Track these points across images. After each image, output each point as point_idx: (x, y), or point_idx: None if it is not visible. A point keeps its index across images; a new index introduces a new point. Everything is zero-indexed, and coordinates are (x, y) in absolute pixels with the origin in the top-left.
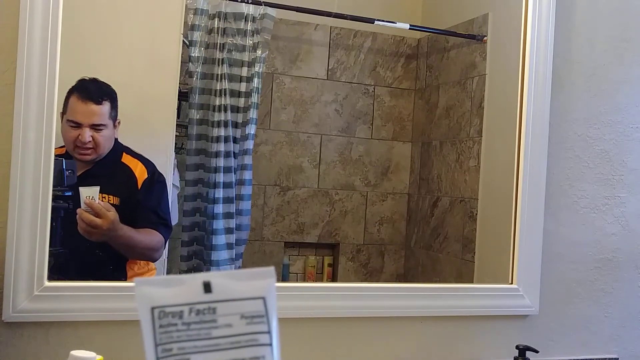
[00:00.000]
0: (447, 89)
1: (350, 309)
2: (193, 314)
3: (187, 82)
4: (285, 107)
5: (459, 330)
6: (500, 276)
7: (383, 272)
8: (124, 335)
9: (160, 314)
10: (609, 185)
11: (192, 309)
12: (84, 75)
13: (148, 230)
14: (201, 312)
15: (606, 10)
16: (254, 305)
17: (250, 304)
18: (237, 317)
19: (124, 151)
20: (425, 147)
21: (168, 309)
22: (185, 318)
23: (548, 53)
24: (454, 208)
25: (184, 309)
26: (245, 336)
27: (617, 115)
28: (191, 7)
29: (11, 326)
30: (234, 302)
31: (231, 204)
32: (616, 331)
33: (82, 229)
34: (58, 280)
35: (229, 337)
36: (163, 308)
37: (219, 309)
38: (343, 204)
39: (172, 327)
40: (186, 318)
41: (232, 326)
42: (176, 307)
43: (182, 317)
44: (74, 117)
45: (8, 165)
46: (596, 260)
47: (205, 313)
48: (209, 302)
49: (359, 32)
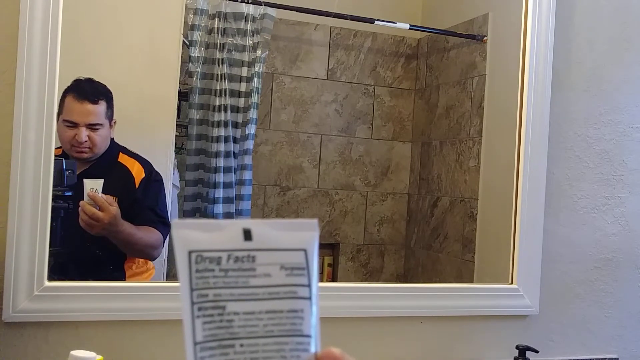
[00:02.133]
0: (447, 89)
1: (350, 309)
2: (231, 260)
3: (187, 82)
4: (285, 107)
5: (459, 330)
6: (500, 276)
7: (383, 272)
8: (124, 335)
9: (198, 258)
10: (609, 185)
11: (231, 255)
12: (84, 75)
13: (147, 228)
14: (240, 259)
15: (606, 10)
16: (294, 257)
17: (291, 255)
18: (277, 267)
19: (120, 151)
20: (425, 147)
21: (206, 254)
22: (223, 264)
23: (548, 53)
24: (454, 208)
25: (222, 255)
26: (284, 287)
27: (617, 115)
28: (191, 7)
29: (11, 326)
30: (274, 251)
31: (231, 204)
32: (616, 331)
33: (83, 221)
34: (58, 280)
35: (267, 287)
36: (201, 253)
37: (258, 257)
38: (343, 204)
39: (209, 273)
40: (224, 264)
41: (270, 276)
42: (214, 253)
43: (219, 264)
44: (70, 117)
45: (8, 165)
46: (596, 260)
47: (244, 261)
48: (248, 249)
49: (359, 32)
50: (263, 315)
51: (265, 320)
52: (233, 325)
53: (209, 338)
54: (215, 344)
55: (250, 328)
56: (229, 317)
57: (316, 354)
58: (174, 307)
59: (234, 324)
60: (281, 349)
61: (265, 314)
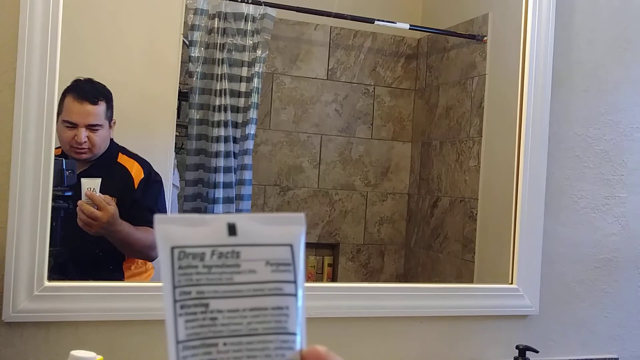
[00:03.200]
0: (447, 89)
1: (350, 309)
2: (215, 256)
3: (187, 82)
4: (285, 107)
5: (459, 330)
6: (500, 276)
7: (383, 272)
8: (124, 335)
9: (181, 254)
10: (609, 185)
11: (215, 251)
12: (84, 75)
13: (146, 229)
14: (224, 255)
15: (606, 10)
16: (280, 252)
17: (276, 250)
18: (262, 263)
19: (119, 151)
20: (425, 147)
21: (189, 249)
22: (207, 261)
23: (548, 53)
24: (454, 208)
25: (206, 251)
26: (269, 284)
27: (617, 115)
28: (191, 7)
29: (11, 326)
30: (259, 247)
31: (231, 204)
32: (616, 331)
33: (81, 220)
34: (58, 280)
35: (251, 283)
36: (184, 249)
37: (243, 253)
38: (343, 204)
39: (192, 270)
40: (207, 261)
41: (255, 272)
42: (197, 249)
43: (203, 260)
44: (69, 118)
45: (8, 165)
46: (596, 260)
47: (228, 257)
48: (232, 245)
49: (359, 32)
50: (247, 312)
51: (250, 318)
52: (216, 324)
53: (192, 337)
54: (198, 343)
55: (234, 326)
56: (212, 315)
57: (301, 352)
58: None
59: (217, 322)
60: (265, 347)
61: (250, 311)
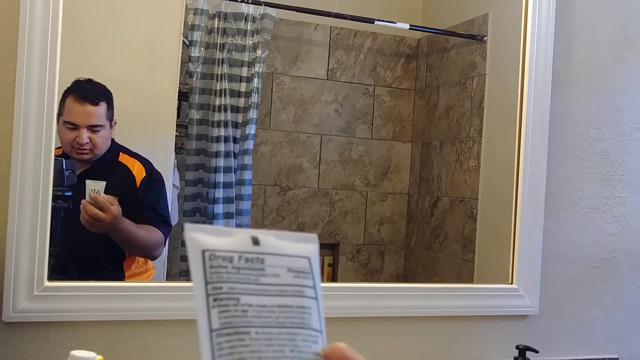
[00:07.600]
0: (447, 89)
1: (350, 309)
2: (242, 260)
3: (187, 82)
4: (285, 107)
5: (459, 330)
6: (500, 276)
7: (383, 272)
8: (124, 335)
9: (211, 256)
10: (609, 185)
11: (242, 256)
12: (84, 75)
13: (148, 227)
14: (250, 260)
15: (606, 10)
16: (300, 262)
17: (296, 260)
18: (285, 269)
19: (120, 151)
20: (425, 147)
21: (218, 253)
22: (235, 263)
23: (548, 53)
24: (454, 208)
25: (234, 255)
26: (292, 287)
27: (617, 115)
28: (191, 7)
29: (11, 326)
30: (281, 256)
31: (231, 204)
32: (616, 331)
33: (84, 219)
34: (58, 280)
35: (276, 285)
36: (214, 252)
37: (267, 260)
38: (343, 204)
39: (222, 269)
40: (236, 263)
41: (279, 276)
42: (226, 253)
43: (232, 262)
44: (70, 119)
45: (8, 165)
46: (596, 260)
47: (254, 262)
48: (257, 252)
49: (359, 32)
50: (275, 308)
51: (277, 314)
52: (247, 315)
53: (225, 325)
54: (232, 331)
55: (263, 319)
56: (243, 308)
57: (324, 349)
58: (174, 307)
59: (248, 314)
60: (293, 339)
61: (277, 307)
